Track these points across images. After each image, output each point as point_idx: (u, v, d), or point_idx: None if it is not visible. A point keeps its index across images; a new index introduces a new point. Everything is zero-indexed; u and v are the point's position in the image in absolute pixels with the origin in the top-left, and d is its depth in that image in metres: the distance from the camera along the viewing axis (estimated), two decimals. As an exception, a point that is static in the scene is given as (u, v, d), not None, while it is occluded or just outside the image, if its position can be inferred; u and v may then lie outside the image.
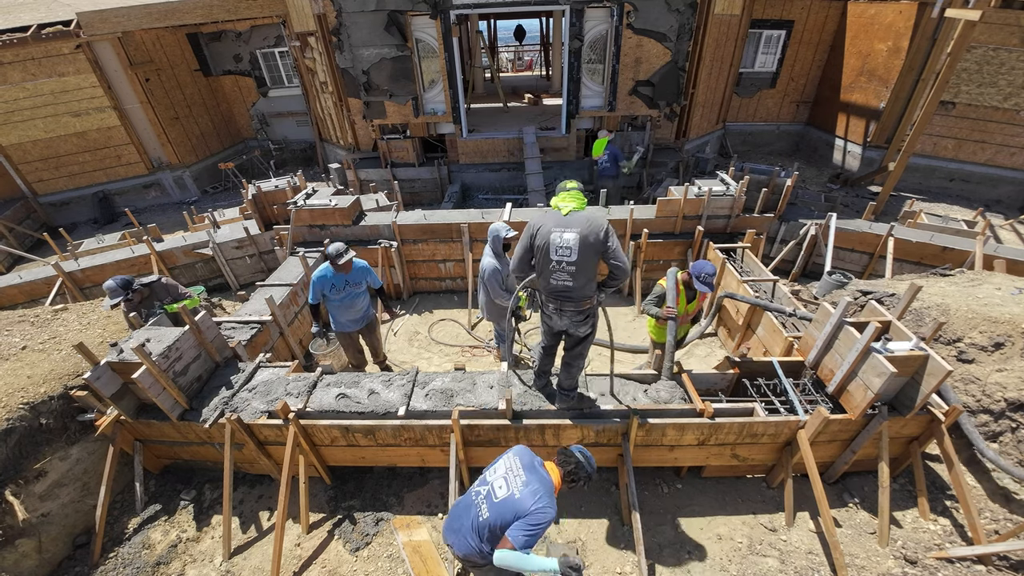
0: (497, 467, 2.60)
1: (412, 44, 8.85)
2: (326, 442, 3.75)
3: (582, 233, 2.79)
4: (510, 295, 4.43)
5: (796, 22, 11.18)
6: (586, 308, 3.01)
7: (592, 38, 8.94)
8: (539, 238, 2.92)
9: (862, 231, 6.55)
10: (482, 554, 2.41)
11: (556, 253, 2.86)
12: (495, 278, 4.23)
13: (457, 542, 2.49)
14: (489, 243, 4.31)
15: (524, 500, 2.35)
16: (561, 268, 2.88)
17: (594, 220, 2.83)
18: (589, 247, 2.80)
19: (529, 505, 2.33)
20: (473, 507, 2.50)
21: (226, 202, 10.91)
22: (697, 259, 6.48)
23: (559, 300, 3.01)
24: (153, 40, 10.69)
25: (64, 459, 3.76)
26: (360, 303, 4.52)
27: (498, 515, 2.38)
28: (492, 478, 2.55)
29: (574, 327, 3.11)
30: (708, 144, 11.35)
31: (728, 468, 3.93)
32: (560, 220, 2.88)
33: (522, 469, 2.51)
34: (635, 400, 3.71)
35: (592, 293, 2.97)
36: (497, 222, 4.34)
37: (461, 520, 2.51)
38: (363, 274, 4.45)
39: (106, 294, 4.06)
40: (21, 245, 9.74)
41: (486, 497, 2.48)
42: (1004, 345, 3.85)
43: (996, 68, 8.63)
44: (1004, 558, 3.15)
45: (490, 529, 2.38)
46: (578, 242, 2.79)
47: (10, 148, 10.11)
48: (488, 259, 4.28)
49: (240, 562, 3.59)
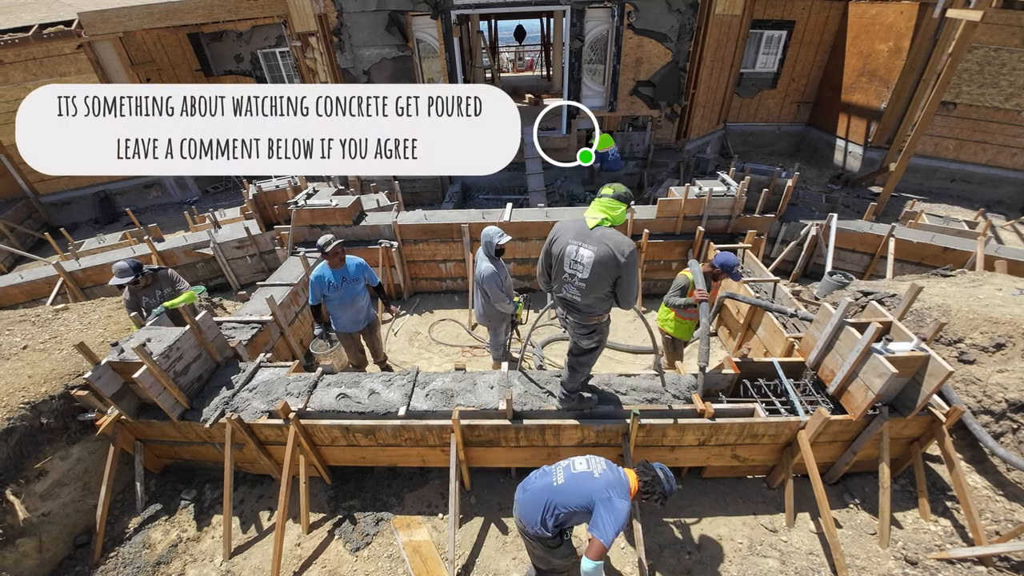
0: (575, 458, 2.62)
1: (413, 44, 8.86)
2: (326, 442, 3.75)
3: (598, 255, 2.63)
4: (509, 298, 4.42)
5: (797, 22, 11.18)
6: (592, 323, 2.95)
7: (593, 38, 8.94)
8: (556, 246, 2.83)
9: (863, 232, 6.54)
10: (543, 525, 2.42)
11: (569, 267, 2.77)
12: (493, 281, 4.21)
13: (525, 505, 2.53)
14: (482, 247, 4.28)
15: (600, 484, 2.35)
16: (572, 282, 2.80)
17: (616, 244, 2.63)
18: (603, 270, 2.65)
19: (604, 492, 2.31)
20: (549, 475, 2.53)
21: (227, 202, 10.92)
22: (698, 259, 6.48)
23: (566, 309, 3.00)
24: (154, 40, 10.71)
25: (65, 459, 3.76)
26: (360, 302, 4.52)
27: (572, 485, 2.39)
28: (572, 459, 2.58)
29: (577, 338, 3.09)
30: (709, 144, 11.36)
31: (729, 468, 3.92)
32: (581, 233, 2.72)
33: (603, 462, 2.54)
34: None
35: (602, 312, 2.89)
36: (490, 227, 4.27)
37: (535, 483, 2.56)
38: (360, 271, 4.46)
39: (114, 274, 4.16)
40: (22, 245, 9.75)
41: (564, 468, 2.51)
42: (1005, 346, 3.85)
43: (997, 69, 8.62)
44: (1005, 559, 3.14)
45: (560, 498, 2.40)
46: (592, 262, 2.65)
47: (11, 148, 10.11)
48: (484, 263, 4.24)
49: (240, 562, 3.59)
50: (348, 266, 4.36)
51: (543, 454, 3.75)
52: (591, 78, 9.40)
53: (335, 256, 4.21)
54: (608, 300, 2.82)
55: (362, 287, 4.51)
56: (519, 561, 3.48)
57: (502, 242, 4.17)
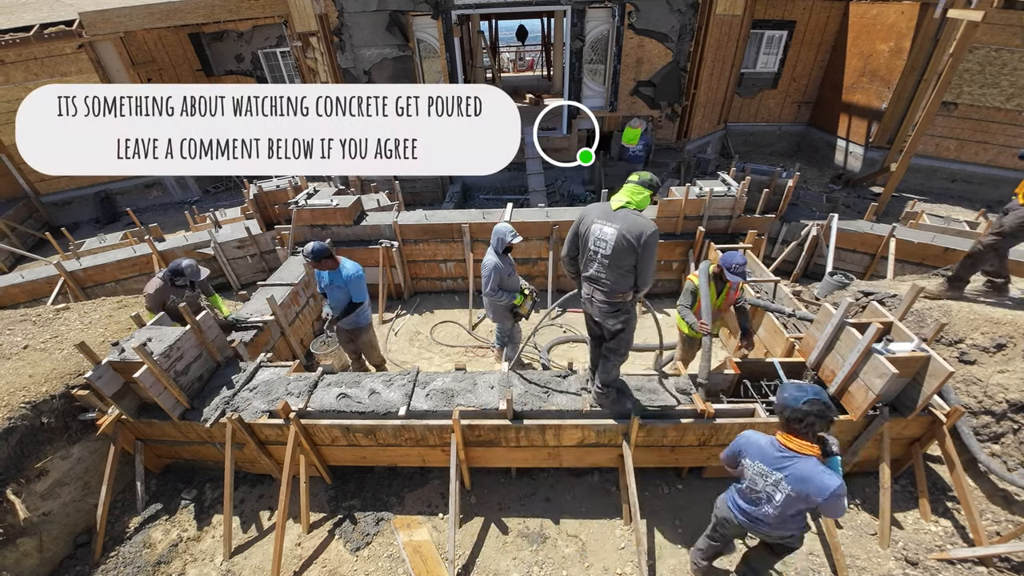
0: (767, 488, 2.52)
1: (414, 44, 8.86)
2: (327, 442, 3.75)
3: (621, 231, 2.80)
4: (507, 293, 4.44)
5: (798, 22, 11.17)
6: (616, 301, 3.02)
7: (593, 38, 8.94)
8: (583, 225, 2.99)
9: (864, 232, 6.53)
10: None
11: (593, 244, 2.92)
12: (491, 272, 4.25)
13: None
14: (492, 242, 4.32)
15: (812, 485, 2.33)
16: (596, 259, 2.95)
17: (638, 223, 2.81)
18: (624, 246, 2.81)
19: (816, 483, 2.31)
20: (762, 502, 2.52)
21: (228, 202, 10.92)
22: (698, 260, 6.48)
23: (592, 288, 3.07)
24: (155, 40, 10.71)
25: (65, 458, 3.77)
26: (335, 301, 4.37)
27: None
28: (768, 492, 2.51)
29: (603, 317, 3.11)
30: (709, 144, 11.35)
31: (729, 469, 3.92)
32: (605, 213, 2.91)
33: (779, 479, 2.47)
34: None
35: (626, 289, 2.97)
36: (502, 223, 4.31)
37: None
38: (347, 281, 4.21)
39: (188, 273, 4.23)
40: (23, 244, 9.76)
41: (767, 499, 2.50)
42: (1006, 346, 3.84)
43: (998, 69, 8.61)
44: (1005, 559, 3.14)
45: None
46: (615, 238, 2.82)
47: (12, 147, 10.11)
48: (490, 256, 4.30)
49: (241, 561, 3.60)
50: (341, 271, 4.20)
51: (543, 454, 3.75)
52: (592, 78, 9.40)
53: (318, 264, 4.13)
54: (629, 276, 2.93)
55: (344, 293, 4.30)
56: (519, 561, 3.49)
57: (514, 241, 4.22)
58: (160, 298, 4.26)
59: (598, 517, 3.76)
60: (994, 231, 4.26)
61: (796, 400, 2.31)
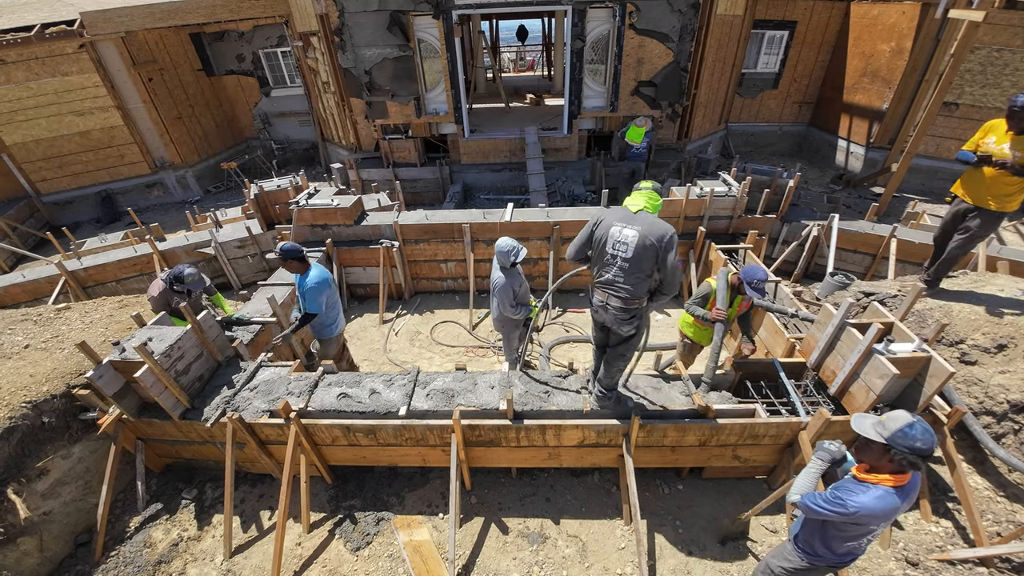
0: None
1: (414, 44, 8.86)
2: (327, 441, 3.75)
3: (642, 233, 2.80)
4: (524, 308, 4.40)
5: (799, 23, 11.16)
6: (633, 307, 2.97)
7: (594, 38, 8.93)
8: (600, 228, 2.96)
9: (865, 232, 6.53)
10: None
11: (612, 247, 2.89)
12: (505, 293, 4.19)
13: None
14: (496, 257, 4.20)
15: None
16: (615, 263, 2.91)
17: (658, 224, 2.83)
18: (646, 249, 2.80)
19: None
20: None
21: (228, 202, 10.92)
22: (699, 259, 6.48)
23: (607, 293, 3.00)
24: (156, 40, 10.72)
25: (66, 457, 3.77)
26: (300, 307, 4.32)
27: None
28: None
29: (617, 324, 3.05)
30: (710, 145, 11.35)
31: (729, 469, 3.92)
32: (625, 216, 2.91)
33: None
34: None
35: (642, 295, 2.94)
36: (504, 239, 4.15)
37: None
38: (301, 289, 4.12)
39: (190, 279, 4.28)
40: (24, 244, 9.77)
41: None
42: (1007, 347, 3.84)
43: (1000, 69, 8.59)
44: (1006, 560, 3.14)
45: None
46: (636, 241, 2.81)
47: (14, 147, 10.14)
48: (497, 274, 4.22)
49: (241, 561, 3.60)
50: (304, 277, 4.14)
51: (543, 454, 3.75)
52: (592, 78, 9.39)
53: (285, 263, 4.08)
54: (647, 282, 2.93)
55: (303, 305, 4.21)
56: (519, 561, 3.49)
57: (518, 260, 4.11)
58: (164, 300, 4.28)
59: (598, 517, 3.76)
60: (960, 232, 4.27)
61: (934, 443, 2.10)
